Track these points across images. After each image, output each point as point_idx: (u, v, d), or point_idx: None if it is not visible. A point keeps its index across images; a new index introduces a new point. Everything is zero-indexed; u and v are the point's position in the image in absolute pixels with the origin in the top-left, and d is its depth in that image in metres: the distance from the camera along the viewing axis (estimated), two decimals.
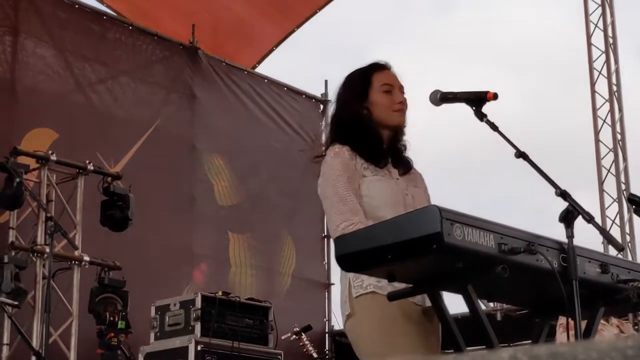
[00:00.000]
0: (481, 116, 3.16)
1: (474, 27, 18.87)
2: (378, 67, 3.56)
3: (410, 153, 3.62)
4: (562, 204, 2.89)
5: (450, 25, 20.23)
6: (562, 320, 5.51)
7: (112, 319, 7.09)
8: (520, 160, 3.03)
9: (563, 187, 2.92)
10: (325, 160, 3.44)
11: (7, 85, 8.46)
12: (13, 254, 7.26)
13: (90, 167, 7.97)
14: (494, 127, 3.11)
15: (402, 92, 3.53)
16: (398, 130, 3.56)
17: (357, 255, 2.82)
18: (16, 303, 6.35)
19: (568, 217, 2.85)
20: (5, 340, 7.22)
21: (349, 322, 3.35)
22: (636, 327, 9.41)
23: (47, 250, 6.92)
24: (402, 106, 3.51)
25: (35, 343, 7.01)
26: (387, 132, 3.52)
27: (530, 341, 3.20)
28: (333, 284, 11.39)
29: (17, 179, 6.13)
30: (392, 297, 3.02)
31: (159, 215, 9.43)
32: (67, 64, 9.09)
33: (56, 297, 7.38)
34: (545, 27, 18.44)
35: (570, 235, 2.85)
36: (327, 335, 11.31)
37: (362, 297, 3.28)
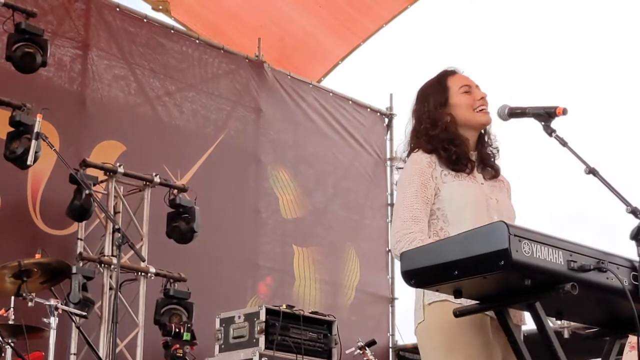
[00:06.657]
0: (550, 131, 3.12)
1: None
2: (450, 72, 3.53)
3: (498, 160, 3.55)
4: (634, 221, 2.84)
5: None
6: (631, 339, 5.41)
7: (177, 330, 7.14)
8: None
9: (634, 204, 2.87)
10: (404, 167, 3.43)
11: (78, 98, 8.58)
12: (81, 264, 7.37)
13: (157, 179, 8.06)
14: (563, 142, 3.07)
15: (480, 90, 3.48)
16: (484, 131, 3.51)
17: (423, 271, 2.80)
18: (84, 313, 6.42)
19: (639, 235, 2.80)
20: (73, 349, 7.33)
21: (419, 327, 3.34)
22: None
23: (115, 261, 7.00)
24: (484, 102, 3.44)
25: (102, 353, 7.10)
26: (473, 134, 3.47)
27: None
28: (397, 299, 11.33)
29: (86, 191, 6.20)
30: (459, 313, 2.99)
31: (224, 228, 9.48)
32: (135, 77, 9.20)
33: (122, 308, 7.46)
34: None
35: None
36: (390, 350, 11.25)
37: (435, 304, 3.26)
